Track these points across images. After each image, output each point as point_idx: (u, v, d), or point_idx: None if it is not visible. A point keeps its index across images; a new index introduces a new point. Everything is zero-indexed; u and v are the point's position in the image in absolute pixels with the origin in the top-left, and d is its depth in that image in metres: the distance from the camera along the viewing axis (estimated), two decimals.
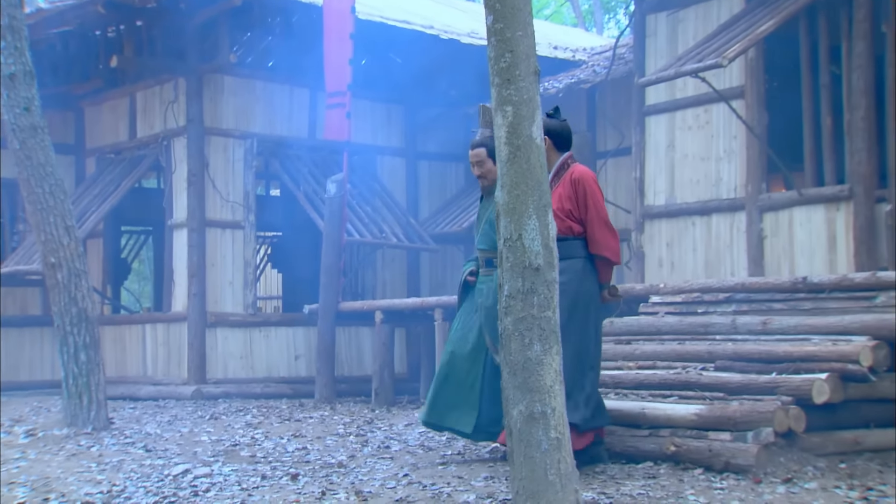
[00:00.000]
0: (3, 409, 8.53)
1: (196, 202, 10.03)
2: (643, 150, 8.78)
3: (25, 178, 7.16)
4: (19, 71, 7.13)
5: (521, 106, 3.77)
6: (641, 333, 6.62)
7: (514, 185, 3.80)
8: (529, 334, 3.73)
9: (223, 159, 10.26)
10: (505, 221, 3.85)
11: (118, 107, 11.09)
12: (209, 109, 10.15)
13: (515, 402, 3.71)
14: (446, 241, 11.50)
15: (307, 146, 10.74)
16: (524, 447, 3.65)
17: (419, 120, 11.66)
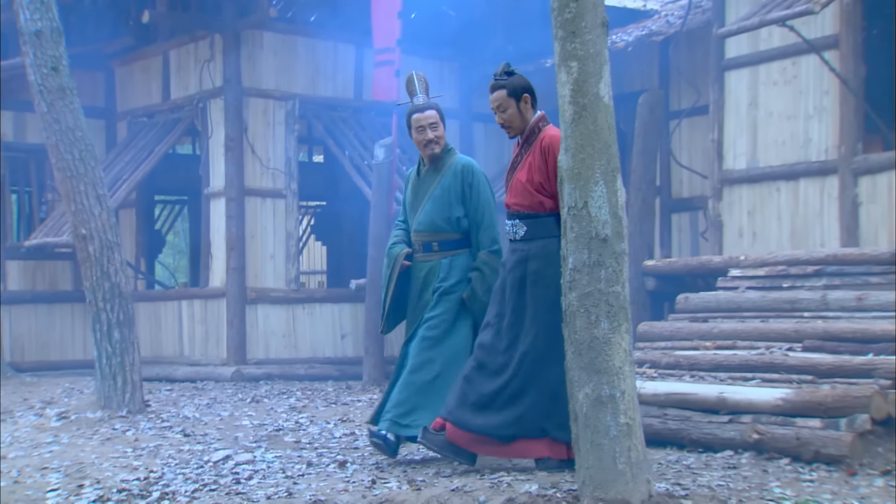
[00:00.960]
0: (33, 390, 8.79)
1: (234, 169, 10.15)
2: (722, 109, 8.65)
3: (54, 144, 7.30)
4: (46, 28, 7.25)
5: (588, 61, 3.74)
6: (720, 310, 6.56)
7: (580, 148, 3.78)
8: (596, 311, 3.73)
9: (263, 122, 10.36)
10: (569, 188, 3.83)
11: (150, 66, 11.24)
12: (248, 68, 10.23)
13: (581, 384, 3.72)
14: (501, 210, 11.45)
15: (353, 107, 10.78)
16: (591, 433, 3.66)
17: (474, 78, 11.62)
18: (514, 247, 4.55)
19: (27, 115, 10.66)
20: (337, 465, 5.07)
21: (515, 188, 4.55)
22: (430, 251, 4.96)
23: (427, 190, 4.99)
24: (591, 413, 3.67)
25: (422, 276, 5.00)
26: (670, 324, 6.66)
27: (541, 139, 4.56)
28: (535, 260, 4.43)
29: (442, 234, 4.95)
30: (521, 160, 4.56)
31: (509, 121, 4.56)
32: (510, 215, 4.57)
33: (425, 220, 4.97)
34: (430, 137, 4.98)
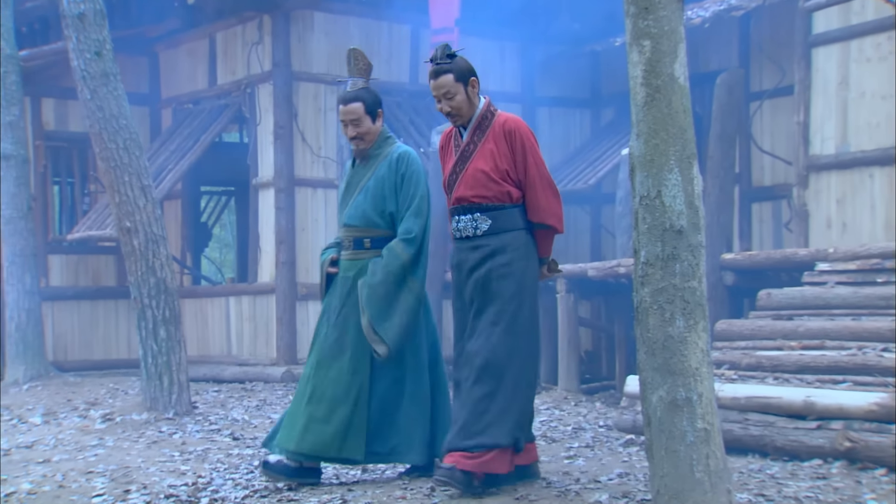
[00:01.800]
0: (77, 391, 9.00)
1: (284, 158, 10.27)
2: (808, 89, 8.51)
3: (97, 132, 7.45)
4: (89, 10, 7.41)
5: (662, 39, 3.71)
6: (806, 307, 6.47)
7: (653, 133, 3.76)
8: (671, 307, 3.71)
9: (314, 108, 10.46)
10: (641, 176, 3.81)
11: (196, 50, 11.41)
12: (298, 51, 10.33)
13: (654, 386, 3.70)
14: (570, 201, 11.41)
15: (408, 91, 10.82)
16: (665, 439, 3.64)
17: (537, 59, 11.59)
18: (475, 244, 4.38)
19: (69, 102, 10.88)
20: (394, 471, 5.11)
21: (473, 179, 4.38)
22: (362, 248, 4.72)
23: (359, 181, 4.77)
24: (666, 417, 3.65)
25: (350, 277, 4.72)
26: (751, 322, 6.58)
27: (501, 124, 4.42)
28: (503, 253, 4.32)
29: (374, 231, 4.72)
30: (473, 149, 4.40)
31: (458, 108, 4.40)
32: (465, 210, 4.40)
33: (356, 214, 4.74)
34: (352, 134, 4.75)
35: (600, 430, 6.46)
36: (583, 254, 11.57)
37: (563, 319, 8.51)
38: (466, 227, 4.40)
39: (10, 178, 9.53)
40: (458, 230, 4.44)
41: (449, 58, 4.39)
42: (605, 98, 11.76)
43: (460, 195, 4.41)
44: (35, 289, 9.74)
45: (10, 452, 6.19)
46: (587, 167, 11.11)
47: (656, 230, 3.74)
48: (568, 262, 10.75)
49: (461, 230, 4.42)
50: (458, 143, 4.47)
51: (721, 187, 8.15)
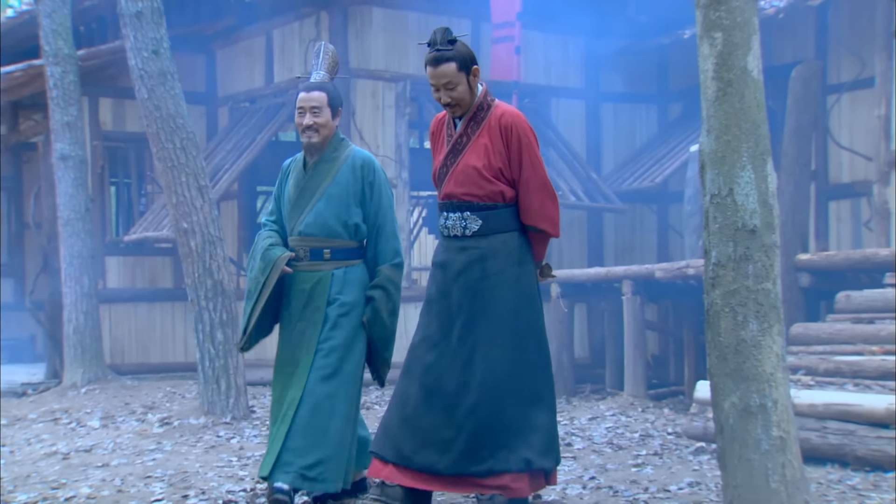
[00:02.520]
0: (134, 394, 9.16)
1: None
2: (890, 81, 8.35)
3: (154, 132, 7.58)
4: (146, 8, 7.54)
5: (734, 31, 3.68)
6: (887, 310, 6.35)
7: (724, 129, 3.73)
8: (743, 310, 3.68)
9: (371, 106, 10.52)
10: (711, 173, 3.79)
11: (253, 48, 11.55)
12: (355, 48, 10.41)
13: (726, 392, 3.67)
14: (635, 200, 11.36)
15: None
16: (738, 447, 3.61)
17: (602, 54, 11.53)
18: (463, 244, 4.17)
19: (126, 102, 11.08)
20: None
21: (463, 175, 4.16)
22: (320, 259, 4.45)
23: (318, 186, 4.47)
24: (739, 425, 3.62)
25: (307, 290, 4.45)
26: (829, 325, 6.48)
27: (497, 118, 4.16)
28: (496, 258, 4.11)
29: (336, 241, 4.46)
30: (466, 142, 4.18)
31: (459, 99, 4.13)
32: (454, 207, 4.20)
33: (316, 222, 4.45)
34: (309, 123, 4.46)
35: (669, 437, 6.41)
36: (649, 254, 11.49)
37: (630, 323, 8.46)
38: (455, 226, 4.21)
39: (69, 180, 9.72)
40: (447, 227, 4.25)
41: (450, 43, 4.10)
42: (673, 93, 11.66)
43: (450, 192, 4.21)
44: (93, 291, 9.93)
45: (69, 456, 6.32)
46: (654, 165, 11.03)
47: (728, 230, 3.72)
48: (634, 262, 10.70)
49: (449, 228, 4.24)
50: (451, 132, 4.25)
51: (796, 185, 8.04)
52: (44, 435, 7.23)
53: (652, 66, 11.70)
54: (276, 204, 4.66)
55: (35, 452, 6.53)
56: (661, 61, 11.71)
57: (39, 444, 6.83)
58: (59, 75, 9.65)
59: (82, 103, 10.23)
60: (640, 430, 6.70)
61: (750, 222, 3.68)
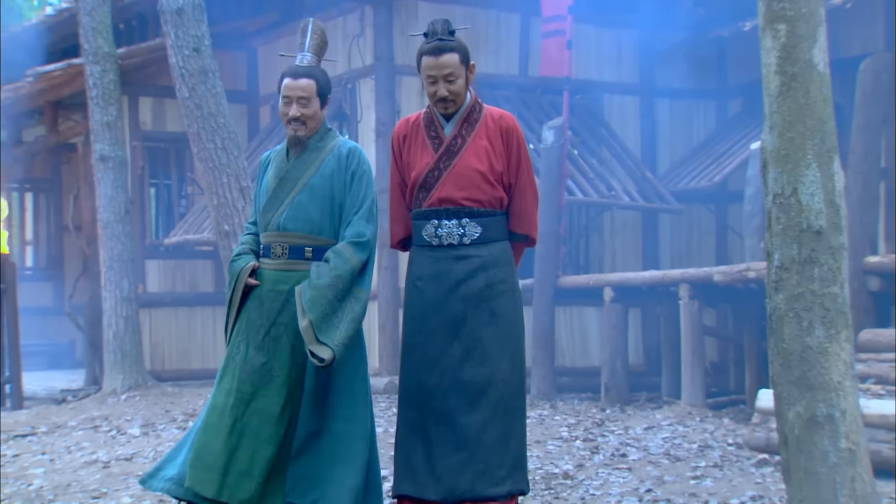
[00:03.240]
0: (175, 401, 9.25)
1: (386, 157, 10.35)
2: None
3: (195, 132, 7.66)
4: (188, 5, 7.64)
5: (798, 23, 3.64)
6: None
7: (788, 126, 3.69)
8: (808, 315, 3.64)
9: (418, 104, 10.52)
10: (774, 172, 3.75)
11: (295, 44, 11.59)
12: (401, 44, 10.43)
13: (791, 401, 3.63)
14: (692, 200, 11.27)
15: (517, 85, 10.82)
16: (804, 460, 3.56)
17: (657, 48, 11.45)
18: (460, 253, 4.01)
19: (167, 101, 11.21)
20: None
21: (464, 179, 4.01)
22: (300, 258, 4.11)
23: (300, 177, 4.17)
24: (805, 436, 3.57)
25: (284, 291, 4.09)
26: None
27: (496, 119, 4.08)
28: (498, 267, 3.99)
29: (319, 238, 4.14)
30: (462, 144, 4.04)
31: (456, 93, 4.02)
32: (449, 213, 4.03)
33: (297, 216, 4.13)
34: (295, 114, 4.17)
35: (729, 448, 6.35)
36: (707, 256, 11.39)
37: (687, 328, 8.40)
38: (451, 234, 4.01)
39: (108, 181, 9.84)
40: (438, 237, 4.04)
41: (451, 34, 4.02)
42: (733, 88, 11.55)
43: (445, 196, 4.02)
44: (133, 295, 10.04)
45: (109, 465, 6.40)
46: (712, 163, 10.94)
47: (792, 231, 3.67)
48: (691, 265, 10.61)
49: (441, 237, 4.03)
50: (436, 134, 4.09)
51: (864, 183, 7.93)
52: (84, 443, 7.33)
53: (710, 60, 11.60)
54: (255, 203, 4.35)
55: (75, 461, 6.62)
56: (720, 55, 11.61)
57: (80, 453, 6.93)
58: (99, 74, 9.77)
59: (122, 103, 10.35)
60: (698, 441, 6.64)
61: (815, 223, 3.64)
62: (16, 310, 10.41)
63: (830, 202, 3.66)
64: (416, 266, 4.12)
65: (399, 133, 4.24)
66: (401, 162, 4.21)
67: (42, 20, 12.66)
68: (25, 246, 14.84)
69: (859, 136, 7.95)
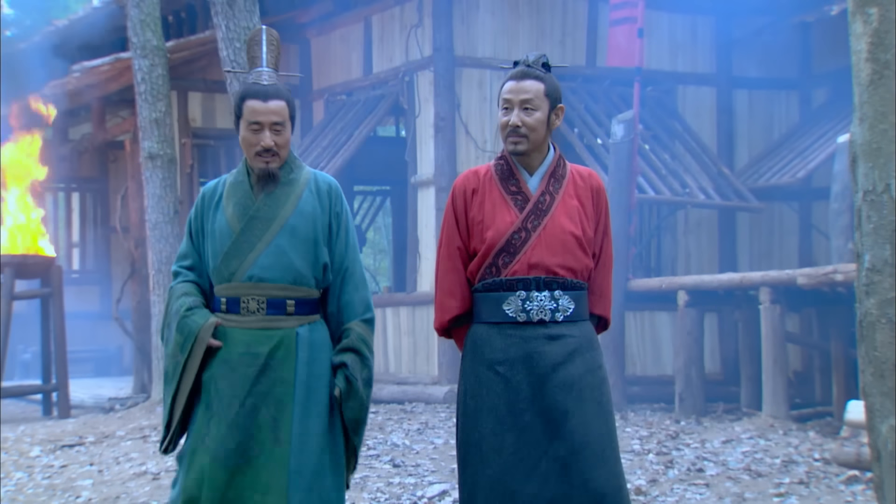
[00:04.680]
0: None
1: (446, 153, 10.40)
2: None
3: None
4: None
5: (892, 7, 3.57)
6: None
7: (880, 117, 3.63)
8: None
9: (479, 98, 10.55)
10: (865, 167, 3.68)
11: (350, 36, 11.70)
12: (461, 34, 10.46)
13: (884, 414, 3.56)
14: (773, 198, 11.15)
15: (584, 76, 10.79)
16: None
17: (735, 35, 11.36)
18: (553, 332, 3.56)
19: (217, 96, 11.36)
20: None
21: (558, 242, 3.61)
22: (281, 313, 3.64)
23: (274, 216, 3.66)
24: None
25: (262, 354, 3.61)
26: None
27: (585, 178, 3.72)
28: (593, 350, 3.61)
29: (301, 289, 3.66)
30: (551, 202, 3.64)
31: (532, 128, 3.61)
32: (541, 284, 3.58)
33: (276, 264, 3.64)
34: (269, 145, 3.63)
35: (815, 463, 6.27)
36: (790, 258, 11.26)
37: (768, 335, 8.31)
38: (542, 309, 3.56)
39: (157, 180, 9.96)
40: (525, 311, 3.56)
41: (544, 67, 3.72)
42: (818, 77, 11.42)
43: (538, 262, 3.58)
44: None
45: (159, 477, 6.49)
46: (795, 157, 10.82)
47: (884, 230, 3.61)
48: (772, 267, 10.51)
49: (530, 312, 3.56)
50: (518, 189, 3.66)
51: None
52: (133, 454, 7.44)
53: (793, 48, 11.48)
54: (195, 244, 3.76)
55: (124, 472, 6.72)
56: (803, 41, 11.48)
57: (128, 464, 7.03)
58: (147, 69, 9.90)
59: (171, 98, 10.47)
60: (781, 456, 6.57)
61: None
62: (62, 315, 10.61)
63: None
64: (492, 348, 3.58)
65: (466, 186, 3.71)
66: (466, 221, 3.68)
67: (89, 13, 12.89)
68: (72, 248, 15.11)
69: None
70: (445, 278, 3.69)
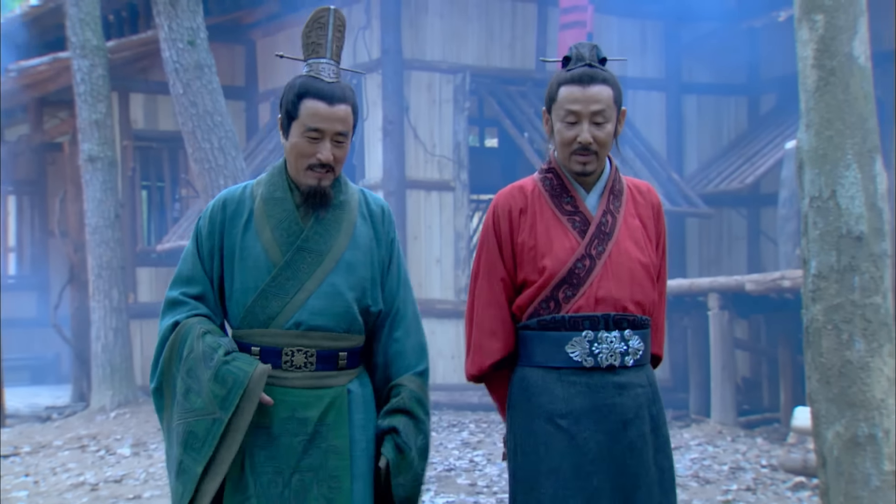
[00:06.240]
0: None
1: (393, 157, 10.39)
2: None
3: (190, 130, 7.69)
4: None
5: (837, 13, 3.63)
6: None
7: (826, 123, 3.68)
8: (848, 328, 3.63)
9: (427, 101, 10.56)
10: (811, 173, 3.74)
11: (296, 37, 11.56)
12: (409, 36, 10.46)
13: (830, 420, 3.62)
14: (722, 203, 11.26)
15: (534, 80, 10.83)
16: (844, 483, 3.55)
17: (684, 40, 11.46)
18: (621, 381, 3.02)
19: (159, 98, 11.26)
20: None
21: (624, 271, 3.06)
22: (332, 368, 2.99)
23: (327, 249, 2.99)
24: (845, 457, 3.56)
25: (312, 420, 2.94)
26: None
27: (645, 194, 3.19)
28: (659, 402, 3.09)
29: (354, 338, 3.02)
30: (613, 223, 3.09)
31: (604, 144, 3.05)
32: (609, 322, 3.02)
33: (331, 308, 2.97)
34: (327, 159, 2.98)
35: (763, 470, 6.33)
36: (738, 264, 11.37)
37: (717, 341, 8.38)
38: (612, 352, 3.02)
39: (97, 183, 9.87)
40: (593, 355, 3.01)
41: (602, 63, 3.18)
42: (766, 83, 11.55)
43: (605, 295, 3.03)
44: (123, 305, 10.06)
45: (97, 487, 6.41)
46: (744, 163, 10.93)
47: (830, 237, 3.67)
48: (721, 273, 10.60)
49: (598, 355, 3.02)
50: (575, 209, 3.10)
51: None
52: (70, 464, 7.35)
53: (742, 53, 11.59)
54: (206, 267, 3.03)
55: (61, 483, 6.63)
56: (752, 47, 11.60)
57: (66, 474, 6.94)
58: (87, 69, 9.81)
59: (111, 99, 10.38)
60: (729, 462, 6.62)
61: (856, 228, 3.63)
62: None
63: (872, 205, 3.65)
64: (552, 397, 3.02)
65: (511, 206, 3.12)
66: (512, 248, 3.09)
67: (26, 11, 12.73)
68: (8, 253, 14.91)
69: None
70: (485, 314, 3.09)
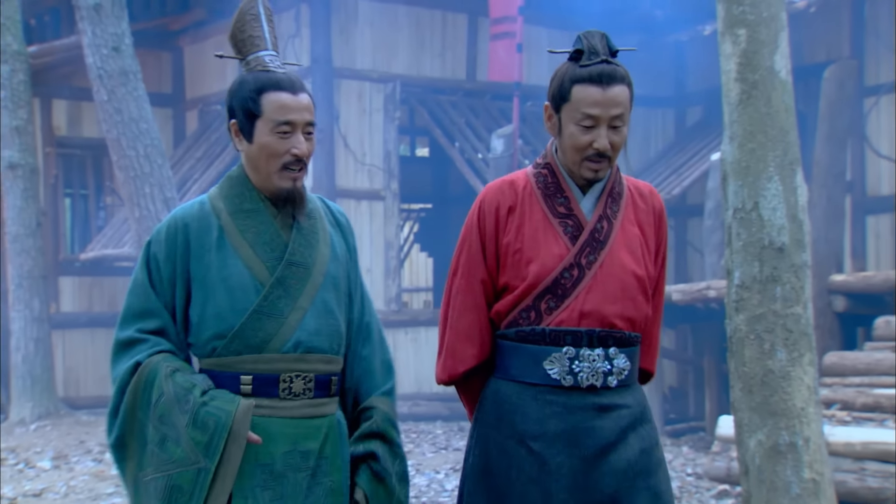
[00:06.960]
0: (91, 431, 9.13)
1: (323, 166, 10.37)
2: None
3: (115, 138, 7.62)
4: (106, 1, 7.57)
5: (759, 27, 3.70)
6: None
7: (749, 136, 3.75)
8: (770, 337, 3.68)
9: (357, 110, 10.55)
10: (735, 185, 3.80)
11: (225, 44, 11.33)
12: (339, 45, 10.44)
13: (752, 429, 3.67)
14: None
15: (465, 90, 10.88)
16: (766, 491, 3.61)
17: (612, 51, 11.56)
18: (603, 402, 2.79)
19: (83, 104, 11.10)
20: None
21: (614, 283, 2.82)
22: (325, 395, 2.73)
23: (312, 262, 2.74)
24: (766, 465, 3.62)
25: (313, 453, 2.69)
26: (867, 354, 6.48)
27: (646, 198, 2.94)
28: (648, 424, 2.85)
29: (341, 360, 2.79)
30: (609, 230, 2.84)
31: (618, 148, 2.83)
32: (594, 338, 2.79)
33: (326, 328, 2.73)
34: (303, 152, 2.74)
35: (688, 478, 6.40)
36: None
37: None
38: (594, 371, 2.79)
39: (17, 191, 9.73)
40: (573, 373, 2.78)
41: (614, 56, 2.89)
42: (692, 96, 11.71)
43: (592, 309, 2.80)
44: (44, 315, 9.92)
45: (15, 502, 6.30)
46: (671, 174, 11.05)
47: (753, 248, 3.72)
48: None
49: (578, 375, 2.78)
50: (568, 211, 2.86)
51: (829, 197, 8.07)
52: None
53: (668, 66, 11.75)
54: (161, 298, 2.82)
55: None
56: (678, 60, 11.76)
57: None
58: (8, 74, 9.68)
59: (33, 105, 10.25)
60: None
61: (777, 239, 3.69)
62: None
63: (793, 217, 3.72)
64: (524, 417, 2.80)
65: (499, 202, 2.85)
66: (496, 248, 2.84)
67: None
68: None
69: (823, 147, 8.09)
70: (462, 318, 2.86)
